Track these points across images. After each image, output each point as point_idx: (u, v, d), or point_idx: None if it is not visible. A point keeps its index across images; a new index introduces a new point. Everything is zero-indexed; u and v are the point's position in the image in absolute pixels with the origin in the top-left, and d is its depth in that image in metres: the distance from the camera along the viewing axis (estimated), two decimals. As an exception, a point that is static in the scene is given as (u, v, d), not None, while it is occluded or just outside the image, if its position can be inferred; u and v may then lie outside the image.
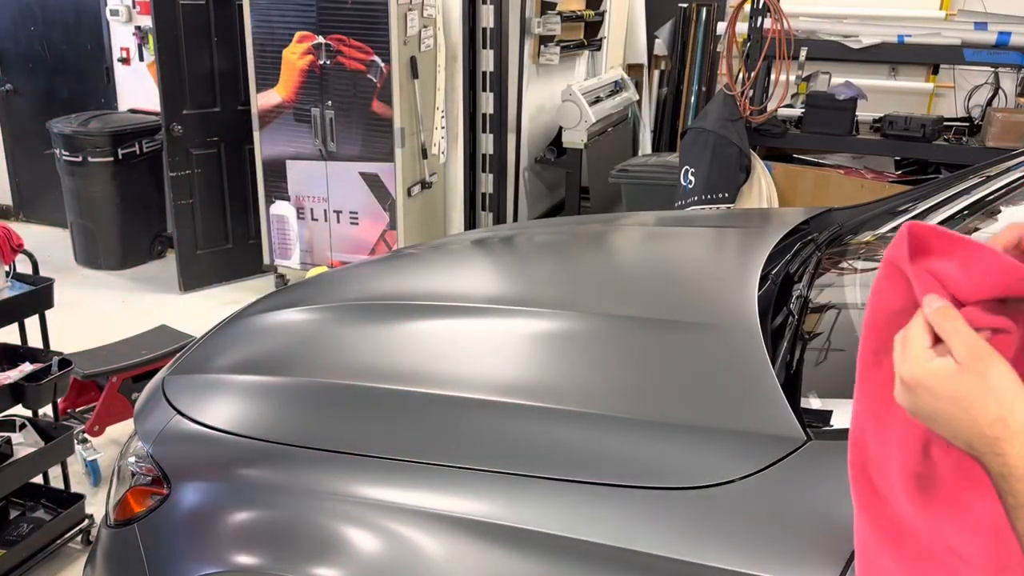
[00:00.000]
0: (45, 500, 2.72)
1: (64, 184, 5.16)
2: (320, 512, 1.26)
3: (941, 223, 1.86)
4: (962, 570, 0.68)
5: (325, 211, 4.59)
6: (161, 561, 1.39)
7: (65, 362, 2.62)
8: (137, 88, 5.47)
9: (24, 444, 2.53)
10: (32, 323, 2.73)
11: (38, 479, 2.71)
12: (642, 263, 2.22)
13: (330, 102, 4.35)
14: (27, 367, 2.56)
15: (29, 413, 2.68)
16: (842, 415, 1.26)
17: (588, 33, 6.03)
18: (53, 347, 2.81)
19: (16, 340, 2.72)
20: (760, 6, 3.78)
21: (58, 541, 2.60)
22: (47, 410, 2.79)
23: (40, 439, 2.58)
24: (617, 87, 5.82)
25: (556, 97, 5.19)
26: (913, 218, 1.98)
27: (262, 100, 4.48)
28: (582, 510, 1.12)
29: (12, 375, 2.50)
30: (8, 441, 2.48)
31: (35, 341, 2.77)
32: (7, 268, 2.60)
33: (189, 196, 4.76)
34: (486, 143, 4.89)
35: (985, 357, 0.65)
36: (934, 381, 0.65)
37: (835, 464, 1.08)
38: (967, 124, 3.95)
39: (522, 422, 1.31)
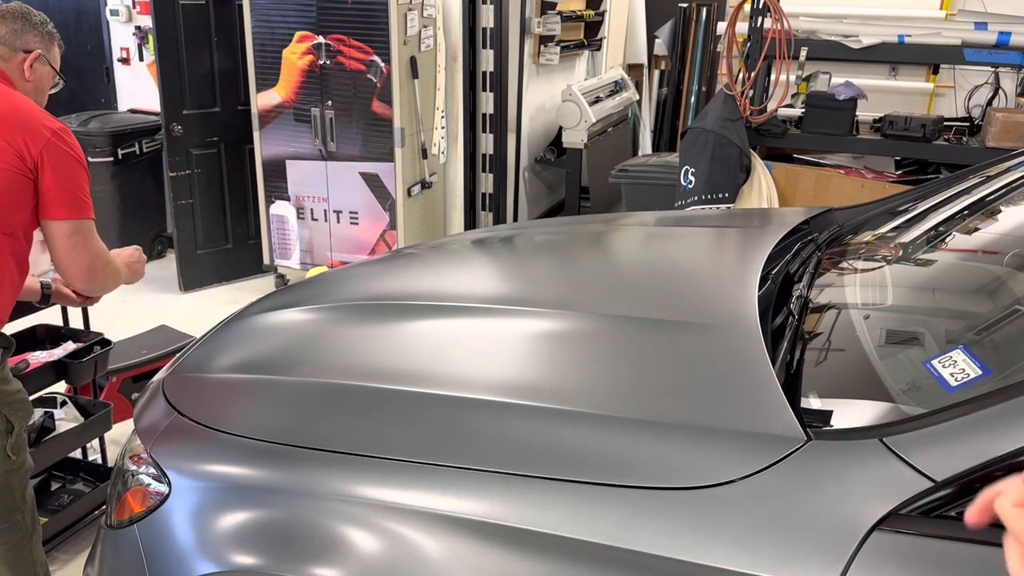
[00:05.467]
0: (83, 473, 2.85)
1: (64, 184, 5.15)
2: (320, 512, 1.26)
3: (941, 223, 1.86)
4: None
5: (325, 211, 4.58)
6: (161, 561, 1.39)
7: (105, 342, 2.73)
8: (137, 88, 5.47)
9: (65, 420, 2.63)
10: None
11: (77, 453, 2.84)
12: (642, 263, 2.21)
13: (330, 102, 4.35)
14: (70, 346, 2.68)
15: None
16: (842, 415, 1.26)
17: (588, 33, 6.03)
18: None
19: (58, 321, 2.85)
20: (760, 6, 3.78)
21: (95, 512, 2.70)
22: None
23: (80, 415, 2.68)
24: (617, 87, 5.81)
25: (556, 97, 5.19)
26: (912, 218, 1.98)
27: (262, 100, 4.48)
28: (582, 510, 1.12)
29: (57, 353, 2.62)
30: (51, 416, 2.58)
31: (76, 323, 2.89)
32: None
33: (189, 196, 4.76)
34: (486, 143, 4.89)
35: None
36: None
37: (835, 464, 1.08)
38: (967, 124, 3.94)
39: (522, 422, 1.31)
